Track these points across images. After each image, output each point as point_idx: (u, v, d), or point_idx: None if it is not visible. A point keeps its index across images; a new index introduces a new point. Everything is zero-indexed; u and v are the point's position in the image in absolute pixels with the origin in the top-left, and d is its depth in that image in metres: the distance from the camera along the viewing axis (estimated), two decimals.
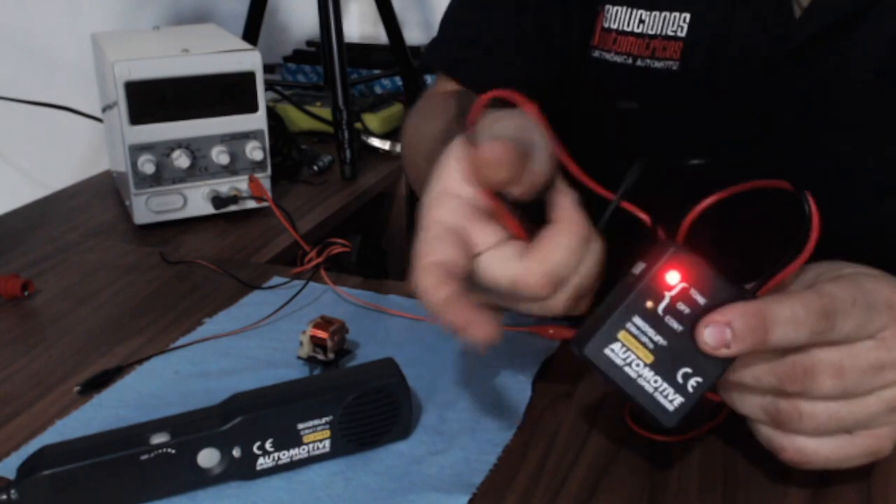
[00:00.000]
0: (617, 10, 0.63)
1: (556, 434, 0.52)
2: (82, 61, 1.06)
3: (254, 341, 0.63)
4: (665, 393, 0.42)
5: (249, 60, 0.88)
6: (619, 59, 0.63)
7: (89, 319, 0.68)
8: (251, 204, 0.91)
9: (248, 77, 0.89)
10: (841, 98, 0.58)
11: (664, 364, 0.42)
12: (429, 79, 1.39)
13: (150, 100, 0.85)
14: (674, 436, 0.51)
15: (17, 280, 0.71)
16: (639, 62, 0.62)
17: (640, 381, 0.42)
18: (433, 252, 0.43)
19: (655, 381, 0.42)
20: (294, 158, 1.09)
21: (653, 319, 0.42)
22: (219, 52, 0.88)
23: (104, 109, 0.99)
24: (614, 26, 0.64)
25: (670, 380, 0.42)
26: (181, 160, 0.87)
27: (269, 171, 0.92)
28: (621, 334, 0.42)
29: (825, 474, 0.48)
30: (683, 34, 0.60)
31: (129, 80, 0.84)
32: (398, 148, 1.18)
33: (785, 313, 0.40)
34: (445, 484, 0.47)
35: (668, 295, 0.42)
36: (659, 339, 0.42)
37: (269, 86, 1.19)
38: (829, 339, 0.41)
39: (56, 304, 0.70)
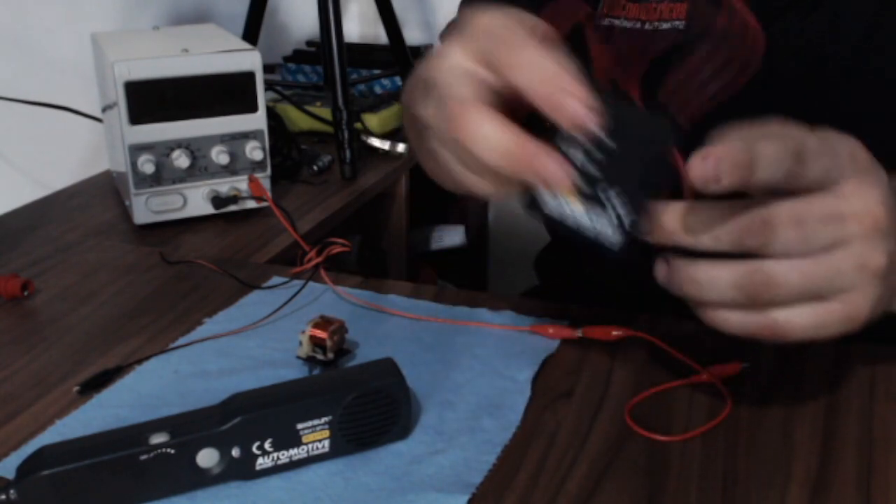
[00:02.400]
0: None
1: (556, 434, 0.52)
2: (82, 61, 1.06)
3: (253, 341, 0.63)
4: (605, 231, 0.45)
5: (249, 60, 0.88)
6: (628, 24, 0.67)
7: (89, 319, 0.68)
8: (251, 204, 0.91)
9: (248, 77, 0.89)
10: (833, 52, 0.60)
11: (595, 205, 0.45)
12: None
13: (150, 100, 0.85)
14: (674, 435, 0.51)
15: (17, 280, 0.71)
16: (647, 25, 0.66)
17: (583, 224, 0.45)
18: (472, 95, 0.43)
19: (594, 221, 0.45)
20: (294, 158, 1.09)
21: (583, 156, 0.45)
22: (219, 52, 0.88)
23: (104, 109, 0.99)
24: None
25: (607, 217, 0.45)
26: (181, 160, 0.87)
27: (268, 171, 0.92)
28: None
29: (826, 473, 0.48)
30: None
31: (128, 80, 0.84)
32: (398, 148, 1.18)
33: (768, 151, 0.41)
34: (445, 484, 0.47)
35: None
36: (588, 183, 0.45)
37: (269, 86, 1.19)
38: (798, 182, 0.42)
39: (56, 304, 0.70)
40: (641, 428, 0.52)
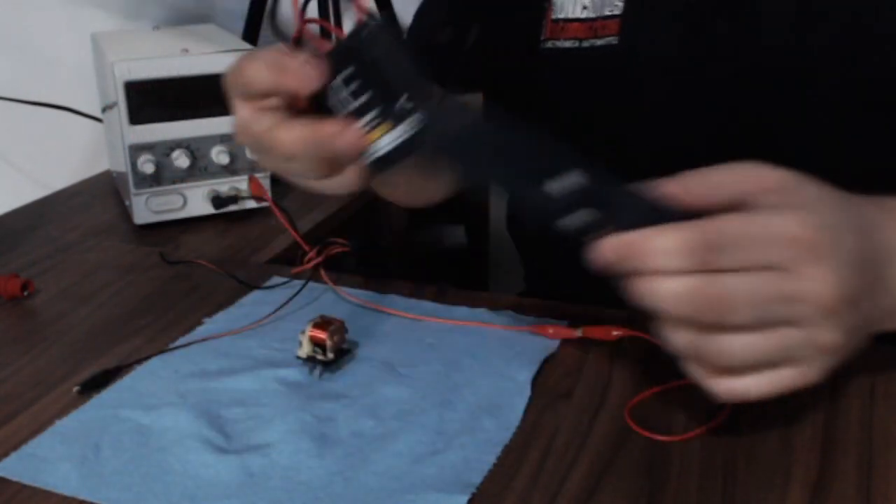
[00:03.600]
0: (563, 1, 0.68)
1: (556, 434, 0.52)
2: (82, 61, 1.06)
3: (253, 341, 0.63)
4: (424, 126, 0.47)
5: None
6: (567, 43, 0.68)
7: (89, 319, 0.68)
8: (251, 204, 0.91)
9: None
10: (764, 56, 0.61)
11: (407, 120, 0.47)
12: None
13: (150, 100, 0.85)
14: (674, 435, 0.51)
15: (17, 280, 0.71)
16: (584, 43, 0.66)
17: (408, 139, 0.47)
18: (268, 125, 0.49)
19: (413, 128, 0.47)
20: None
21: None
22: (219, 52, 0.88)
23: (104, 109, 0.99)
24: (562, 15, 0.68)
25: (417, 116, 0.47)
26: (181, 160, 0.87)
27: (268, 172, 0.92)
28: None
29: (825, 474, 0.48)
30: (619, 11, 0.65)
31: (128, 80, 0.84)
32: None
33: (660, 244, 0.42)
34: (445, 484, 0.47)
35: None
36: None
37: None
38: (718, 267, 0.42)
39: (55, 304, 0.70)
40: (641, 428, 0.52)
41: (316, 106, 0.49)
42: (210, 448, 0.51)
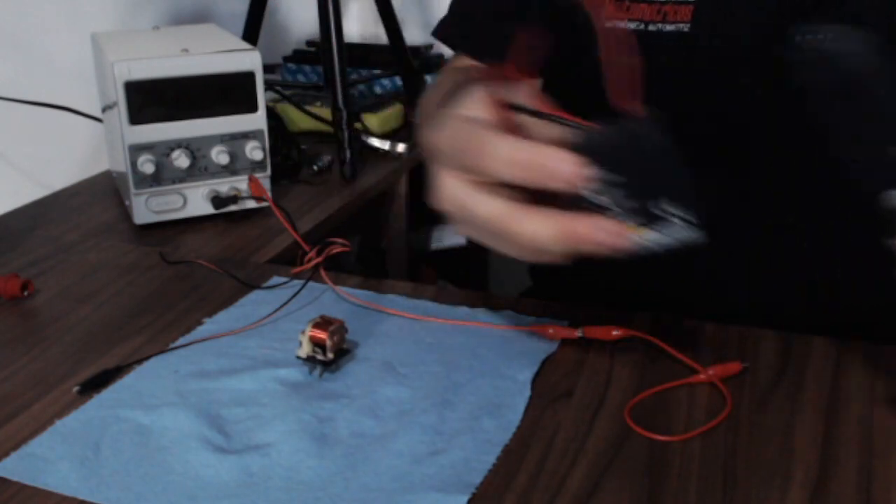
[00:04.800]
0: None
1: (556, 434, 0.52)
2: (82, 61, 1.06)
3: (253, 341, 0.63)
4: (682, 235, 0.46)
5: (249, 60, 0.88)
6: (631, 25, 0.65)
7: (89, 319, 0.68)
8: (251, 204, 0.91)
9: (248, 77, 0.89)
10: (753, 43, 0.61)
11: (657, 221, 0.46)
12: (429, 79, 1.39)
13: (150, 100, 0.85)
14: (674, 435, 0.51)
15: (17, 280, 0.71)
16: (650, 27, 0.64)
17: (664, 242, 0.46)
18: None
19: (669, 234, 0.46)
20: (294, 158, 1.09)
21: None
22: (219, 52, 0.88)
23: (104, 109, 0.99)
24: None
25: (675, 223, 0.45)
26: (181, 160, 0.87)
27: (268, 171, 0.92)
28: None
29: (826, 474, 0.48)
30: None
31: (128, 80, 0.84)
32: (398, 148, 1.18)
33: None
34: (445, 484, 0.47)
35: None
36: None
37: (268, 86, 1.19)
38: None
39: (56, 304, 0.70)
40: (641, 428, 0.52)
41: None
42: (210, 448, 0.51)
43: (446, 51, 1.61)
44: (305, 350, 0.58)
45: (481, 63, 0.75)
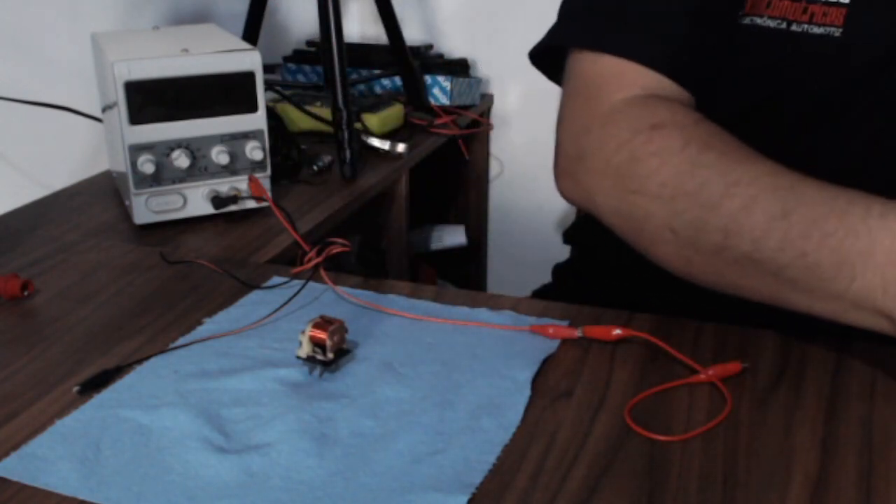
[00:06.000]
0: None
1: (556, 434, 0.52)
2: (82, 61, 1.06)
3: (253, 341, 0.63)
4: None
5: (249, 60, 0.88)
6: (771, 23, 0.60)
7: (89, 319, 0.68)
8: (251, 204, 0.91)
9: (248, 77, 0.89)
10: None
11: None
12: (429, 79, 1.39)
13: (150, 100, 0.85)
14: (674, 435, 0.51)
15: (17, 280, 0.71)
16: (794, 27, 0.59)
17: None
18: None
19: None
20: (294, 158, 1.09)
21: None
22: (219, 52, 0.88)
23: (104, 109, 0.99)
24: None
25: None
26: (181, 160, 0.87)
27: (268, 171, 0.92)
28: None
29: (826, 474, 0.48)
30: (847, 0, 0.57)
31: (128, 80, 0.84)
32: (398, 148, 1.18)
33: None
34: (445, 484, 0.47)
35: None
36: None
37: (268, 86, 1.19)
38: None
39: (56, 304, 0.70)
40: (641, 428, 0.52)
41: None
42: (210, 448, 0.51)
43: (446, 51, 1.61)
44: (305, 350, 0.58)
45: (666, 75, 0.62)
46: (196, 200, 0.90)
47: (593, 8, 0.64)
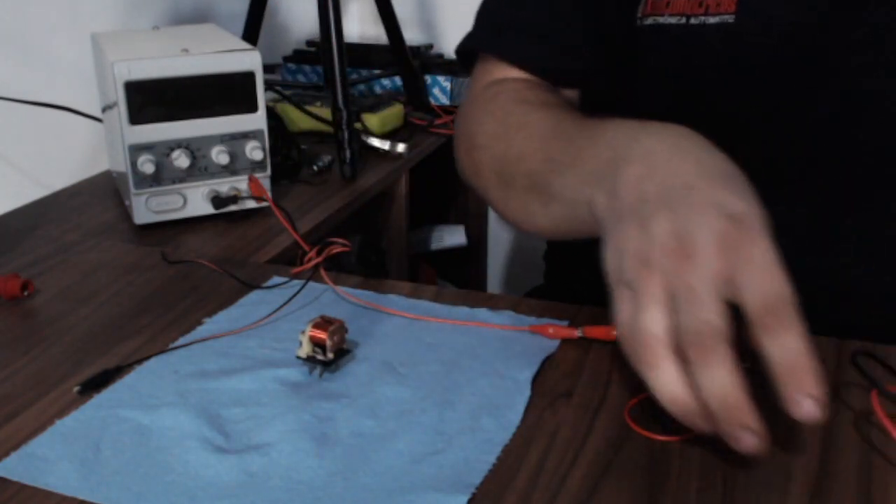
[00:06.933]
0: None
1: (556, 434, 0.52)
2: (82, 61, 1.06)
3: (253, 341, 0.63)
4: None
5: (249, 60, 0.88)
6: (672, 20, 0.62)
7: (89, 319, 0.68)
8: (251, 204, 0.91)
9: (248, 77, 0.89)
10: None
11: None
12: (429, 79, 1.39)
13: (150, 100, 0.85)
14: (673, 435, 0.51)
15: (17, 280, 0.71)
16: (692, 20, 0.61)
17: None
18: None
19: None
20: (294, 158, 1.09)
21: None
22: (219, 52, 0.88)
23: (104, 109, 0.99)
24: None
25: None
26: (181, 160, 0.87)
27: (268, 171, 0.92)
28: None
29: (825, 474, 0.48)
30: None
31: (128, 80, 0.84)
32: (398, 148, 1.18)
33: None
34: (445, 484, 0.47)
35: None
36: None
37: (269, 86, 1.19)
38: None
39: (56, 304, 0.70)
40: (641, 428, 0.52)
41: None
42: (210, 448, 0.51)
43: (446, 50, 1.61)
44: (305, 350, 0.58)
45: (528, 72, 0.72)
46: (196, 200, 0.90)
47: (489, 13, 0.76)
